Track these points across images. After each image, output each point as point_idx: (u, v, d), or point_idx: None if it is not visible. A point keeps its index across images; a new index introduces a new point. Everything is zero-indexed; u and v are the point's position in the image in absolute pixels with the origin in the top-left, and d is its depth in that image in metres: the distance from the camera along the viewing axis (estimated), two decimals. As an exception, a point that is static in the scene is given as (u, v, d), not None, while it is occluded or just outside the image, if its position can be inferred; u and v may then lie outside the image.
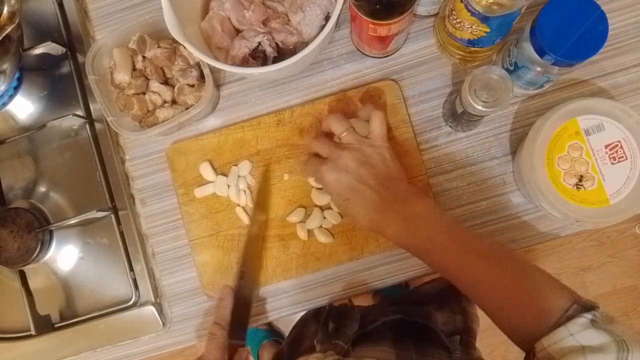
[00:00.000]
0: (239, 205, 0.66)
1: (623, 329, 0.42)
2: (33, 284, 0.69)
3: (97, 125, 0.70)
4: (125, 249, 0.68)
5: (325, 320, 0.72)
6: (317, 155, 0.59)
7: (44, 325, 0.68)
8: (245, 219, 0.66)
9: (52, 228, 0.69)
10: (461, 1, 0.53)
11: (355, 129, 0.58)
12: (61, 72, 0.71)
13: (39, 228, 0.67)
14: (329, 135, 0.59)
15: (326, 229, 0.65)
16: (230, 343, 0.58)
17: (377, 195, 0.53)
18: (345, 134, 0.56)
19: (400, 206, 0.53)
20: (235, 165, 0.66)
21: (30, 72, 0.72)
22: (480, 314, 0.79)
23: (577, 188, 0.56)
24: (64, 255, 0.70)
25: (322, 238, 0.64)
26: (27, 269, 0.69)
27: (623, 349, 0.39)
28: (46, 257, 0.69)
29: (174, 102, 0.65)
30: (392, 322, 0.71)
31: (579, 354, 0.40)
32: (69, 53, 0.71)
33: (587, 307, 0.44)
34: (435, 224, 0.52)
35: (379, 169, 0.54)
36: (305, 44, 0.63)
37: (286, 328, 1.49)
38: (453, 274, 0.52)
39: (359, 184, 0.53)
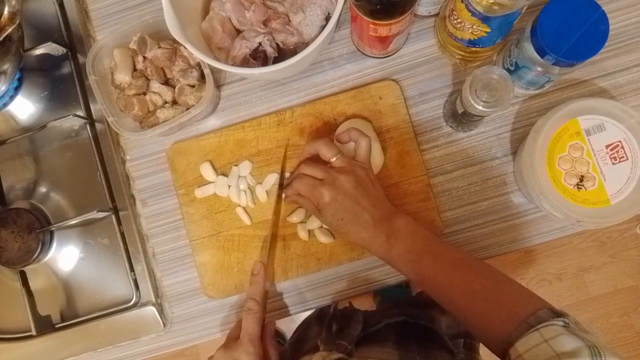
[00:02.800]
0: (239, 205, 0.66)
1: (595, 339, 0.43)
2: (34, 284, 0.69)
3: (98, 126, 0.70)
4: (126, 249, 0.68)
5: (329, 322, 0.72)
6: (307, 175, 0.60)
7: (45, 326, 0.68)
8: (246, 219, 0.66)
9: (53, 228, 0.69)
10: (462, 1, 0.53)
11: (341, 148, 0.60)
12: (62, 73, 0.71)
13: (39, 228, 0.67)
14: (315, 158, 0.61)
15: (327, 229, 0.65)
16: None
17: (369, 215, 0.56)
18: (335, 158, 0.58)
19: (385, 224, 0.56)
20: (236, 165, 0.66)
21: (31, 72, 0.72)
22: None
23: (578, 188, 0.56)
24: (65, 256, 0.70)
25: (323, 238, 0.64)
26: (28, 269, 0.69)
27: (596, 354, 0.40)
28: (47, 258, 0.69)
29: (174, 102, 0.65)
30: (396, 324, 0.71)
31: None
32: (69, 53, 0.71)
33: (557, 313, 0.46)
34: (413, 237, 0.56)
35: (369, 190, 0.57)
36: (305, 45, 0.63)
37: (287, 329, 1.49)
38: (427, 283, 0.55)
39: (355, 205, 0.56)
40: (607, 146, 0.56)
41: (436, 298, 0.54)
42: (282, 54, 0.64)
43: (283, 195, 0.65)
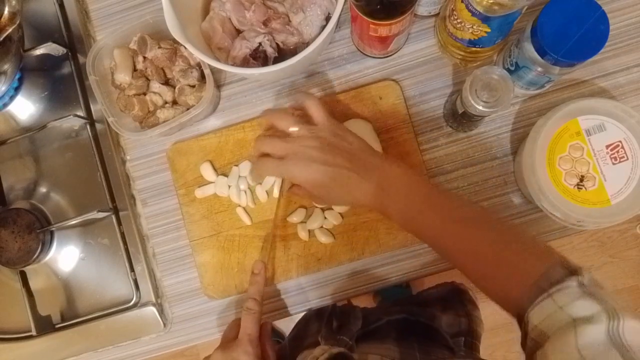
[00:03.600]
0: (239, 205, 0.66)
1: (612, 296, 0.40)
2: (34, 284, 0.69)
3: (98, 126, 0.70)
4: (126, 249, 0.68)
5: (329, 318, 0.72)
6: (266, 155, 0.56)
7: (45, 326, 0.68)
8: (246, 220, 0.66)
9: (53, 229, 0.69)
10: (462, 1, 0.53)
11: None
12: (62, 73, 0.71)
13: (39, 229, 0.67)
14: (272, 130, 0.57)
15: (327, 229, 0.65)
16: None
17: (350, 172, 0.52)
18: (292, 128, 0.54)
19: (372, 174, 0.52)
20: (236, 165, 0.66)
21: (31, 72, 0.72)
22: (482, 312, 0.80)
23: (578, 188, 0.56)
24: (65, 256, 0.70)
25: (323, 238, 0.64)
26: (28, 269, 0.69)
27: (614, 318, 0.37)
28: (47, 258, 0.69)
29: (174, 102, 0.65)
30: (396, 322, 0.71)
31: (570, 328, 0.38)
32: (69, 54, 0.71)
33: (571, 270, 0.42)
34: (408, 189, 0.51)
35: (342, 147, 0.53)
36: (305, 45, 0.63)
37: (287, 329, 1.49)
38: (433, 243, 0.51)
39: (330, 168, 0.51)
40: (607, 146, 0.56)
41: (444, 258, 0.51)
42: (282, 54, 0.64)
43: (281, 195, 0.65)
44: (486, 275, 0.48)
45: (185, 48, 0.59)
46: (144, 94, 0.65)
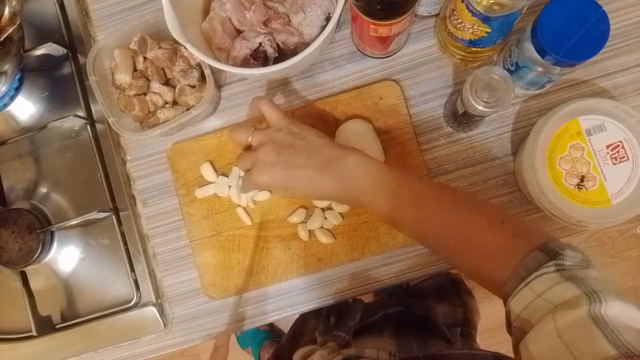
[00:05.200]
0: (240, 205, 0.66)
1: (597, 276, 0.39)
2: (34, 284, 0.69)
3: (98, 126, 0.70)
4: (127, 249, 0.68)
5: (327, 315, 0.72)
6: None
7: (45, 326, 0.68)
8: (246, 220, 0.66)
9: (53, 229, 0.69)
10: (462, 1, 0.53)
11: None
12: (62, 73, 0.71)
13: (40, 229, 0.67)
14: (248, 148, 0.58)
15: (327, 229, 0.65)
16: None
17: (311, 170, 0.51)
18: (250, 137, 0.55)
19: (333, 166, 0.51)
20: (237, 166, 0.66)
21: (31, 73, 0.72)
22: (482, 312, 0.80)
23: (579, 188, 0.56)
24: (65, 256, 0.70)
25: (324, 239, 0.64)
26: (29, 269, 0.69)
27: (595, 300, 0.35)
28: (47, 258, 0.69)
29: (175, 102, 0.65)
30: (393, 315, 0.71)
31: (549, 315, 0.37)
32: (70, 54, 0.71)
33: (550, 253, 0.41)
34: (376, 175, 0.51)
35: (297, 145, 0.53)
36: (306, 45, 0.63)
37: (287, 329, 1.49)
38: (411, 229, 0.50)
39: (290, 170, 0.52)
40: (607, 146, 0.56)
41: (427, 247, 0.49)
42: (283, 54, 0.64)
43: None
44: (469, 258, 0.47)
45: (186, 48, 0.59)
46: (145, 94, 0.65)
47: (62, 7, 0.72)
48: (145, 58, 0.64)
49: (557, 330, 0.35)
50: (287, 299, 0.66)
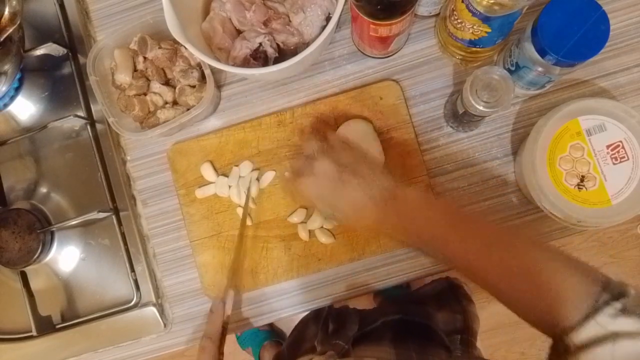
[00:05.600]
0: (240, 206, 0.66)
1: None
2: (34, 284, 0.69)
3: (98, 126, 0.70)
4: (127, 249, 0.68)
5: (325, 321, 0.72)
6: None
7: (45, 326, 0.68)
8: (247, 220, 0.65)
9: (54, 229, 0.69)
10: (462, 1, 0.53)
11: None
12: (62, 73, 0.71)
13: (40, 229, 0.67)
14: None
15: (327, 229, 0.65)
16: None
17: (364, 194, 0.50)
18: (316, 148, 0.55)
19: (390, 202, 0.50)
20: (237, 165, 0.66)
21: (31, 73, 0.72)
22: (483, 312, 0.80)
23: (579, 188, 0.56)
24: (65, 256, 0.70)
25: (324, 239, 0.64)
26: (29, 269, 0.69)
27: None
28: (47, 258, 0.69)
29: (175, 103, 0.65)
30: (392, 322, 0.70)
31: (609, 340, 0.37)
32: (70, 54, 0.71)
33: (617, 293, 0.41)
34: (428, 214, 0.50)
35: (359, 168, 0.52)
36: (306, 45, 0.63)
37: (287, 329, 1.49)
38: (458, 266, 0.49)
39: (343, 188, 0.51)
40: (607, 146, 0.56)
41: (470, 281, 0.48)
42: (283, 54, 0.64)
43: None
44: (518, 299, 0.45)
45: (186, 48, 0.59)
46: (145, 94, 0.65)
47: (62, 7, 0.72)
48: (145, 58, 0.64)
49: (614, 357, 0.36)
50: (287, 299, 0.66)
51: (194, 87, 0.64)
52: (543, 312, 0.43)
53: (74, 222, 0.67)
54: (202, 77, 0.65)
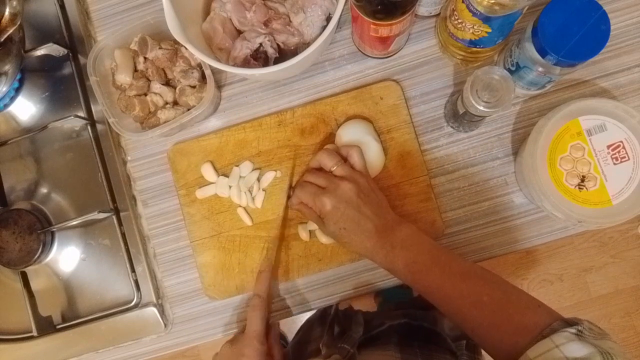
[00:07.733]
0: (240, 206, 0.66)
1: (612, 345, 0.42)
2: (35, 285, 0.69)
3: (99, 127, 0.70)
4: (127, 250, 0.68)
5: (331, 324, 0.72)
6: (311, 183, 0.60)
7: (46, 327, 0.68)
8: (247, 220, 0.65)
9: (54, 229, 0.69)
10: (463, 2, 0.53)
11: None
12: (63, 74, 0.71)
13: (40, 229, 0.67)
14: (320, 169, 0.61)
15: (328, 229, 0.65)
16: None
17: (372, 224, 0.55)
18: (336, 167, 0.58)
19: (389, 234, 0.55)
20: (237, 166, 0.66)
21: (31, 73, 0.72)
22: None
23: (580, 188, 0.56)
24: (66, 257, 0.70)
25: (324, 239, 0.64)
26: (29, 270, 0.69)
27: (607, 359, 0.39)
28: (48, 259, 0.69)
29: (175, 103, 0.65)
30: (398, 326, 0.71)
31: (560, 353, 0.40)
32: (70, 54, 0.71)
33: (571, 322, 0.45)
34: (418, 248, 0.55)
35: (371, 198, 0.57)
36: (306, 45, 0.63)
37: (288, 329, 1.48)
38: (434, 294, 0.53)
39: (357, 213, 0.55)
40: (608, 146, 0.56)
41: (442, 308, 0.53)
42: (283, 54, 0.64)
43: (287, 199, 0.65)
44: (483, 323, 0.50)
45: (186, 49, 0.59)
46: (145, 94, 0.65)
47: (62, 7, 0.72)
48: (145, 58, 0.64)
49: None
50: (287, 299, 0.66)
51: (194, 87, 0.64)
52: (508, 333, 0.47)
53: (74, 223, 0.67)
54: (203, 78, 0.65)
